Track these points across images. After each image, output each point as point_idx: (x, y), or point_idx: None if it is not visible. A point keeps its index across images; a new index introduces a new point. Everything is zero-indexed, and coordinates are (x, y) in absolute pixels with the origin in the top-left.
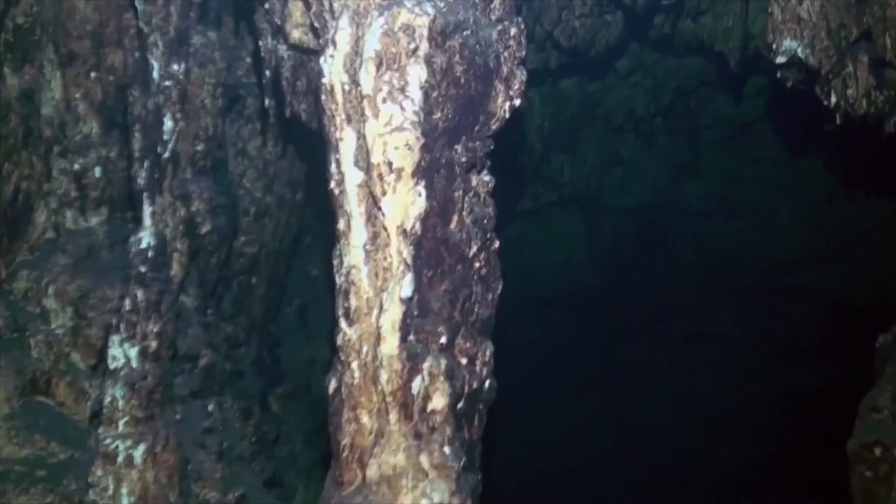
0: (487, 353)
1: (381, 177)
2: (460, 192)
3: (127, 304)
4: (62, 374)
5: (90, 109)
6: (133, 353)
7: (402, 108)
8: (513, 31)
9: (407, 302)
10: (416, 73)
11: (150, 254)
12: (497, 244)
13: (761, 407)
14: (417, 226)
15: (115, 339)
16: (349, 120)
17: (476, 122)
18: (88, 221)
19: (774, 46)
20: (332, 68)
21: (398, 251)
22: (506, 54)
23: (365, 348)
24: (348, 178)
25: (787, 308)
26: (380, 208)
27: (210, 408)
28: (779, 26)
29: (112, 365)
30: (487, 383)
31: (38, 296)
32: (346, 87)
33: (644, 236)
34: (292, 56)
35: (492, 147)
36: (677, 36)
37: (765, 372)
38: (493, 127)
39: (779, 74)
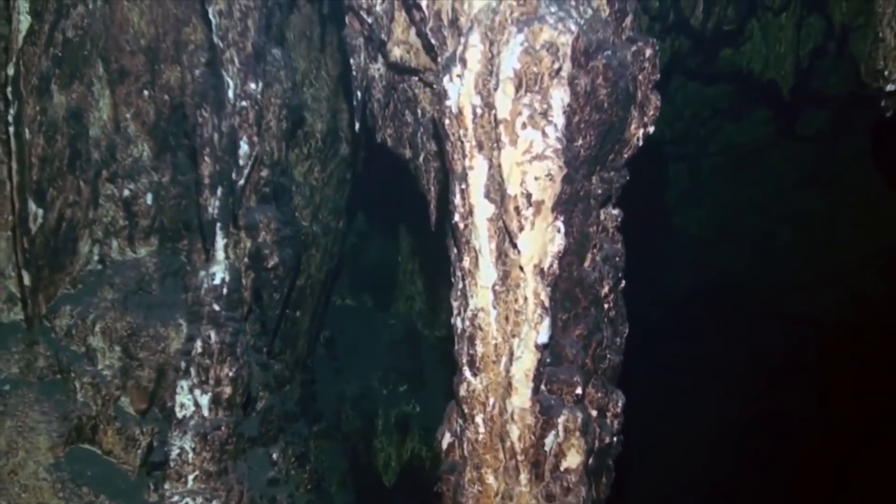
0: (619, 403)
1: (517, 210)
2: (595, 228)
3: (198, 346)
4: (110, 420)
5: (141, 130)
6: (205, 400)
7: (544, 135)
8: (648, 52)
9: (542, 349)
10: (559, 96)
11: (223, 290)
12: (623, 283)
13: (754, 431)
14: (555, 265)
15: (183, 384)
16: (480, 147)
17: (612, 151)
18: (137, 252)
19: (887, 73)
20: (462, 89)
21: (534, 292)
22: (640, 77)
23: (492, 400)
24: (478, 211)
25: (785, 333)
26: (514, 245)
27: (274, 456)
28: (892, 52)
29: (180, 413)
30: (617, 437)
31: (83, 333)
32: (479, 111)
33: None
34: (385, 76)
35: (627, 178)
36: (713, 62)
37: (758, 396)
38: (626, 156)
39: (883, 103)
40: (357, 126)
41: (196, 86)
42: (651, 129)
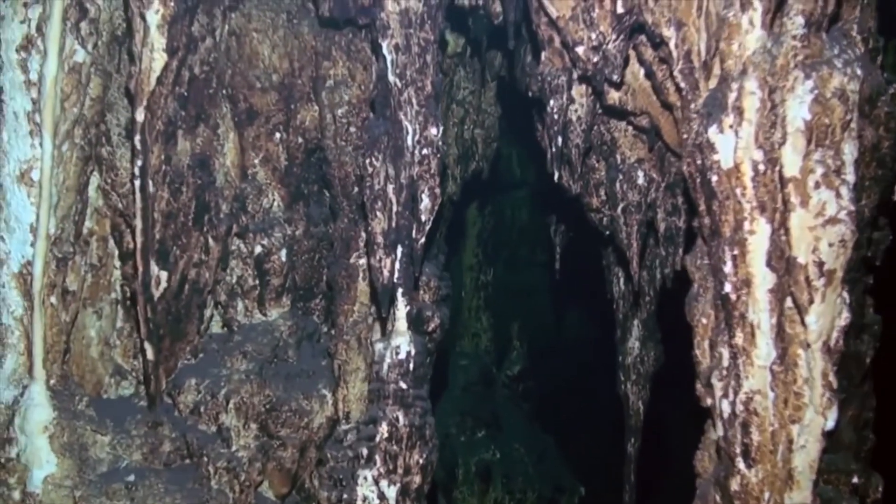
0: (879, 487)
1: (808, 281)
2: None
3: (384, 430)
4: None
5: (272, 178)
6: (392, 492)
7: (838, 195)
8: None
9: (828, 436)
10: (850, 150)
11: (410, 366)
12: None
13: None
14: (840, 341)
15: (366, 474)
16: (762, 208)
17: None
18: (268, 315)
19: None
20: (739, 143)
21: (822, 373)
22: None
23: (767, 495)
24: (757, 281)
25: None
26: (802, 320)
27: None
28: None
29: None
30: None
31: (213, 411)
32: (760, 167)
33: None
34: (584, 118)
35: (890, 239)
36: None
37: None
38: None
39: None
40: (556, 174)
41: (325, 128)
42: None
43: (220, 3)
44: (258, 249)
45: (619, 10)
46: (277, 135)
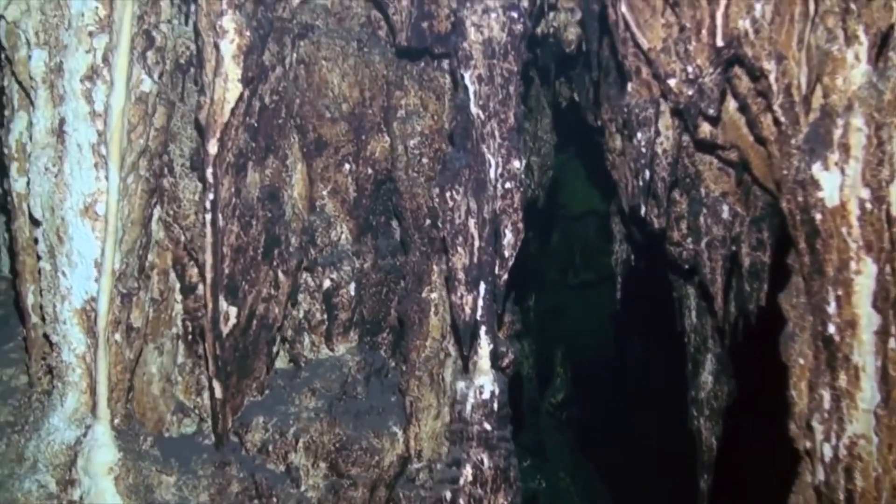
0: None
1: None
2: None
3: (468, 472)
4: None
5: (340, 210)
6: None
7: None
8: None
9: None
10: None
11: (494, 406)
12: None
13: None
14: None
15: None
16: (869, 248)
17: None
18: (335, 350)
19: None
20: (846, 181)
21: None
22: None
23: None
24: (863, 322)
25: None
26: None
27: None
28: None
29: None
30: None
31: (282, 450)
32: (868, 206)
33: None
34: (670, 151)
35: None
36: None
37: None
38: None
39: None
40: (643, 209)
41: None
42: None
43: (289, 31)
44: (327, 283)
45: (719, 42)
46: (347, 166)
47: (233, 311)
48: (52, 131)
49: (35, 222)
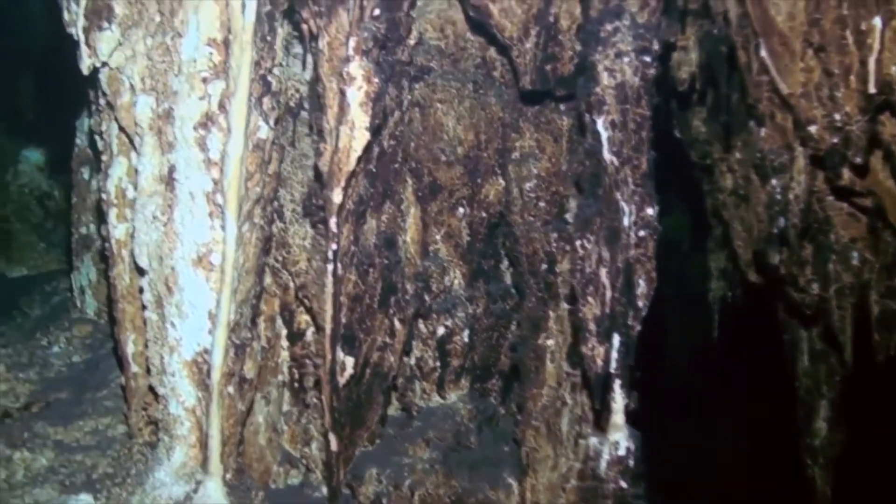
0: None
1: None
2: None
3: None
4: None
5: (454, 254)
6: None
7: None
8: None
9: None
10: None
11: (629, 462)
12: None
13: None
14: None
15: None
16: None
17: None
18: (447, 398)
19: None
20: None
21: None
22: None
23: None
24: None
25: None
26: None
27: None
28: None
29: None
30: None
31: (397, 503)
32: None
33: None
34: (802, 198)
35: None
36: None
37: None
38: None
39: None
40: (776, 257)
41: (579, 211)
42: None
43: (406, 74)
44: (441, 330)
45: (871, 89)
46: (461, 209)
47: (349, 361)
48: (161, 179)
49: (140, 271)
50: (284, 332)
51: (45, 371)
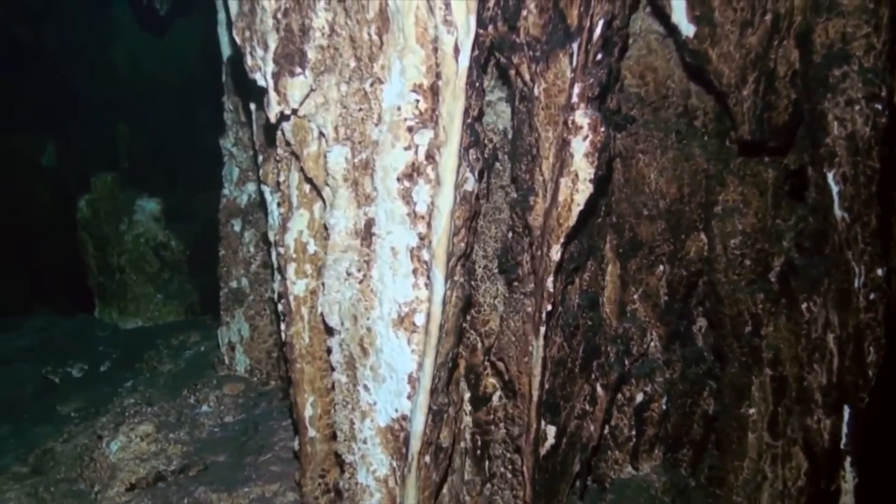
0: None
1: None
2: None
3: None
4: None
5: (651, 315)
6: None
7: None
8: None
9: None
10: None
11: None
12: None
13: None
14: None
15: None
16: None
17: None
18: (640, 469)
19: None
20: None
21: None
22: None
23: None
24: None
25: None
26: None
27: None
28: None
29: None
30: None
31: None
32: None
33: None
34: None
35: None
36: None
37: None
38: None
39: None
40: None
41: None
42: None
43: (610, 122)
44: (640, 397)
45: None
46: (660, 267)
47: (551, 430)
48: (356, 233)
49: (329, 331)
50: (467, 395)
51: (195, 431)
